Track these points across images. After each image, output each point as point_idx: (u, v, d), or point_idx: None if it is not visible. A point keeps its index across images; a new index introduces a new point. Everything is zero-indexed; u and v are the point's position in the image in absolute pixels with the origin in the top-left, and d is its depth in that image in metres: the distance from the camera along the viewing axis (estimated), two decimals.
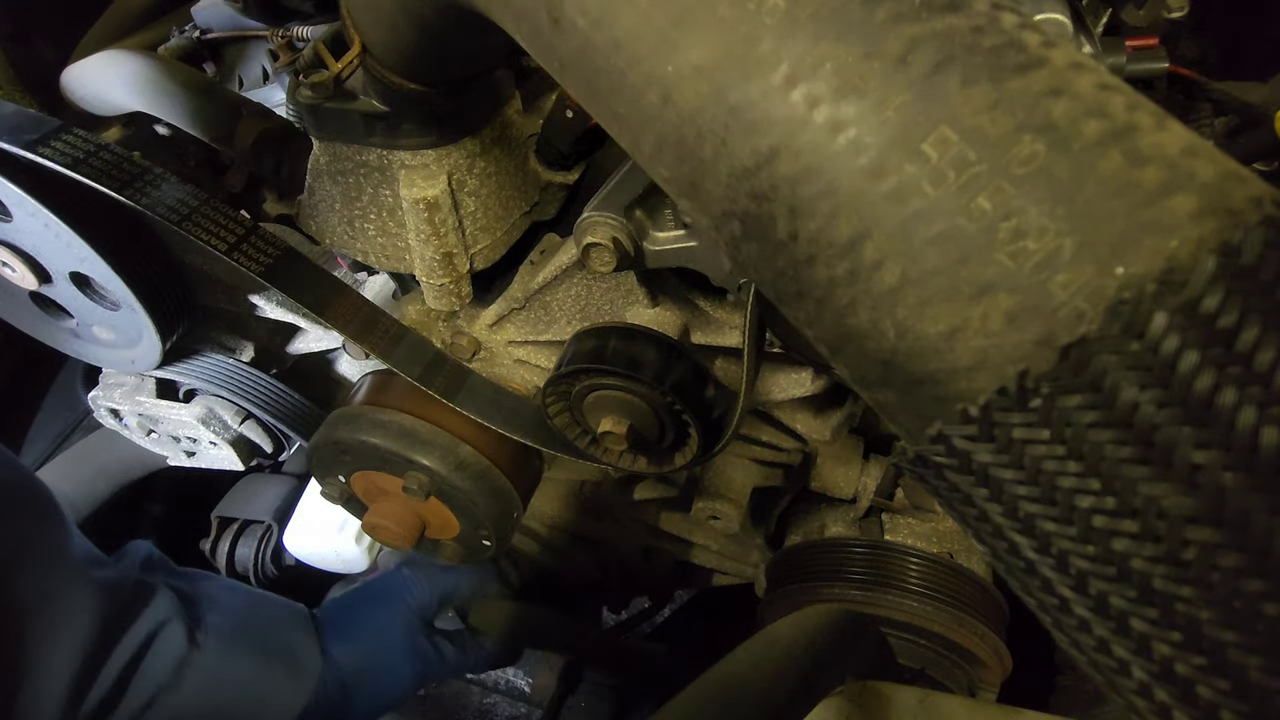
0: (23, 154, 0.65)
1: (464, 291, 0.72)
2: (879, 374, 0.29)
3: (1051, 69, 0.26)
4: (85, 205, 0.74)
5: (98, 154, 0.66)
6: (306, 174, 0.72)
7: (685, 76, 0.29)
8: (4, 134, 0.66)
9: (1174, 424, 0.23)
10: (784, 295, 0.31)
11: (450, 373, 0.76)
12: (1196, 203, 0.23)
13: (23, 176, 0.70)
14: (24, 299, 0.86)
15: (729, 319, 0.73)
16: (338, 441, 0.82)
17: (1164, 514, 0.23)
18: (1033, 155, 0.25)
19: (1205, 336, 0.23)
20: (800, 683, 0.42)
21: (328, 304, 0.69)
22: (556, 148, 0.72)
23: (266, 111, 0.83)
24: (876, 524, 0.93)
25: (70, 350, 0.93)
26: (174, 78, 0.83)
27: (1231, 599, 0.23)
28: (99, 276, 0.79)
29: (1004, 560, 0.29)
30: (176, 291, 0.86)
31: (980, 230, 0.25)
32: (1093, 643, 0.27)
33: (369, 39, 0.54)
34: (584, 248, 0.62)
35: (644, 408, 0.68)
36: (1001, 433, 0.26)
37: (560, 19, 0.33)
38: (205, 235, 0.64)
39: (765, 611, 0.95)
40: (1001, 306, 0.25)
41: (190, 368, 0.95)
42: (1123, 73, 0.71)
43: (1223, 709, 0.24)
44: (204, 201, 0.66)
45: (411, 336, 0.74)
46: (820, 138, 0.27)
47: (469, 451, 0.80)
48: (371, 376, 0.86)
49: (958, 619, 0.81)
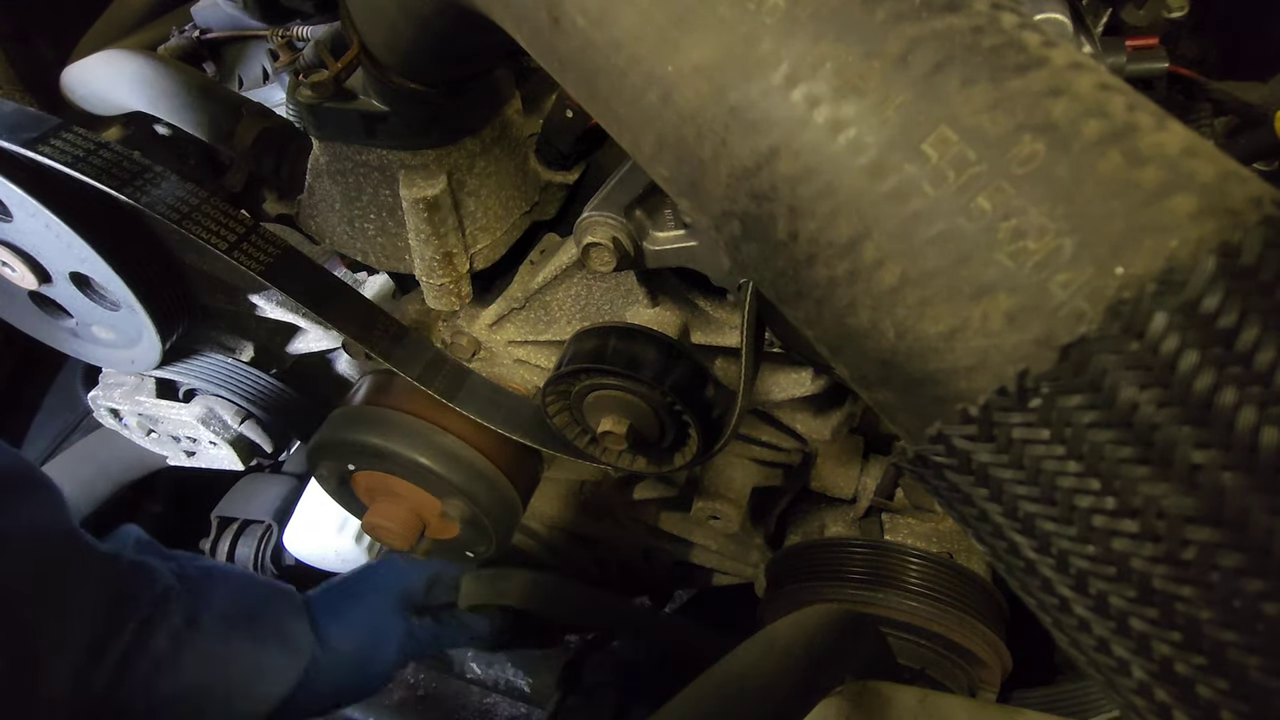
0: (22, 152, 0.65)
1: (464, 291, 0.72)
2: (879, 374, 0.29)
3: (1052, 69, 0.26)
4: (86, 205, 0.74)
5: (97, 152, 0.66)
6: (306, 174, 0.72)
7: (685, 76, 0.29)
8: (3, 132, 0.66)
9: (1174, 424, 0.23)
10: (784, 295, 0.31)
11: (450, 373, 0.76)
12: (1196, 203, 0.23)
13: (23, 176, 0.70)
14: (23, 298, 0.86)
15: (729, 319, 0.73)
16: (338, 441, 0.82)
17: (1164, 514, 0.23)
18: (1033, 155, 0.25)
19: (1205, 336, 0.23)
20: (800, 682, 0.42)
21: (327, 303, 0.69)
22: (556, 147, 0.72)
23: (266, 111, 0.83)
24: (876, 524, 0.93)
25: (69, 349, 0.93)
26: (174, 77, 0.83)
27: (1231, 599, 0.23)
28: (99, 277, 0.79)
29: (1004, 560, 0.29)
30: (176, 291, 0.86)
31: (980, 230, 0.25)
32: (1093, 643, 0.27)
33: (369, 39, 0.54)
34: (584, 247, 0.62)
35: (644, 408, 0.68)
36: (1001, 433, 0.26)
37: (560, 18, 0.33)
38: (205, 234, 0.64)
39: (765, 611, 0.95)
40: (1001, 306, 0.25)
41: (190, 367, 0.95)
42: (1123, 73, 0.71)
43: (1223, 709, 0.24)
44: (204, 200, 0.66)
45: (411, 336, 0.74)
46: (820, 137, 0.27)
47: (469, 451, 0.80)
48: (372, 376, 0.86)
49: (958, 619, 0.81)
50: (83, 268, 0.78)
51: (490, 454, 0.81)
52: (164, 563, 0.84)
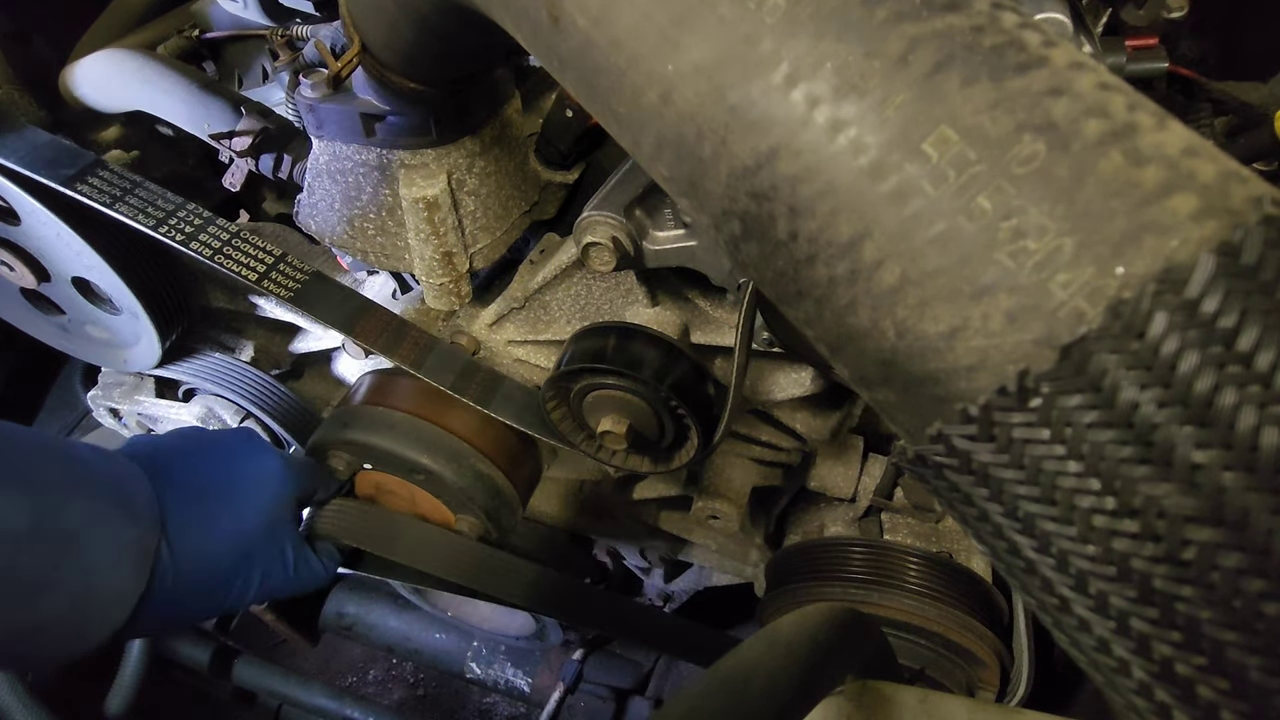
0: (63, 191, 0.67)
1: (463, 291, 0.72)
2: (879, 373, 0.29)
3: (1052, 68, 0.26)
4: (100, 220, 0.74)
5: (134, 191, 0.69)
6: (306, 173, 0.72)
7: (685, 75, 0.29)
8: (41, 167, 0.69)
9: (1174, 424, 0.23)
10: (784, 295, 0.31)
11: (483, 380, 0.76)
12: (1197, 202, 0.23)
13: (40, 189, 0.71)
14: (13, 292, 0.86)
15: (728, 318, 0.73)
16: (337, 440, 0.82)
17: (1164, 514, 0.23)
18: (1033, 155, 0.25)
19: (1205, 336, 0.22)
20: (804, 680, 0.42)
21: (356, 322, 0.71)
22: (556, 147, 0.72)
23: (266, 111, 0.83)
24: (876, 524, 0.93)
25: (56, 344, 0.93)
26: (173, 76, 0.83)
27: (1231, 599, 0.23)
28: (105, 284, 0.79)
29: (1004, 560, 0.29)
30: (175, 293, 0.86)
31: (980, 230, 0.25)
32: (1093, 643, 0.27)
33: (369, 38, 0.54)
34: (584, 247, 0.62)
35: (643, 407, 0.68)
36: (1001, 432, 0.26)
37: (560, 17, 0.33)
38: (236, 267, 0.67)
39: (764, 611, 0.95)
40: (1002, 306, 0.25)
41: (190, 367, 0.95)
42: (1122, 73, 0.71)
43: (1223, 709, 0.24)
44: (234, 235, 0.69)
45: (441, 346, 0.75)
46: (820, 137, 0.27)
47: (469, 450, 0.80)
48: (371, 375, 0.86)
49: (957, 619, 0.81)
50: (89, 275, 0.78)
51: (490, 453, 0.81)
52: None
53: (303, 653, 1.67)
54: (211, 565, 0.67)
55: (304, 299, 0.69)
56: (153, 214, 0.68)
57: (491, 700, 1.68)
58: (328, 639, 1.65)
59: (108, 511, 0.60)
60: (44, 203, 0.72)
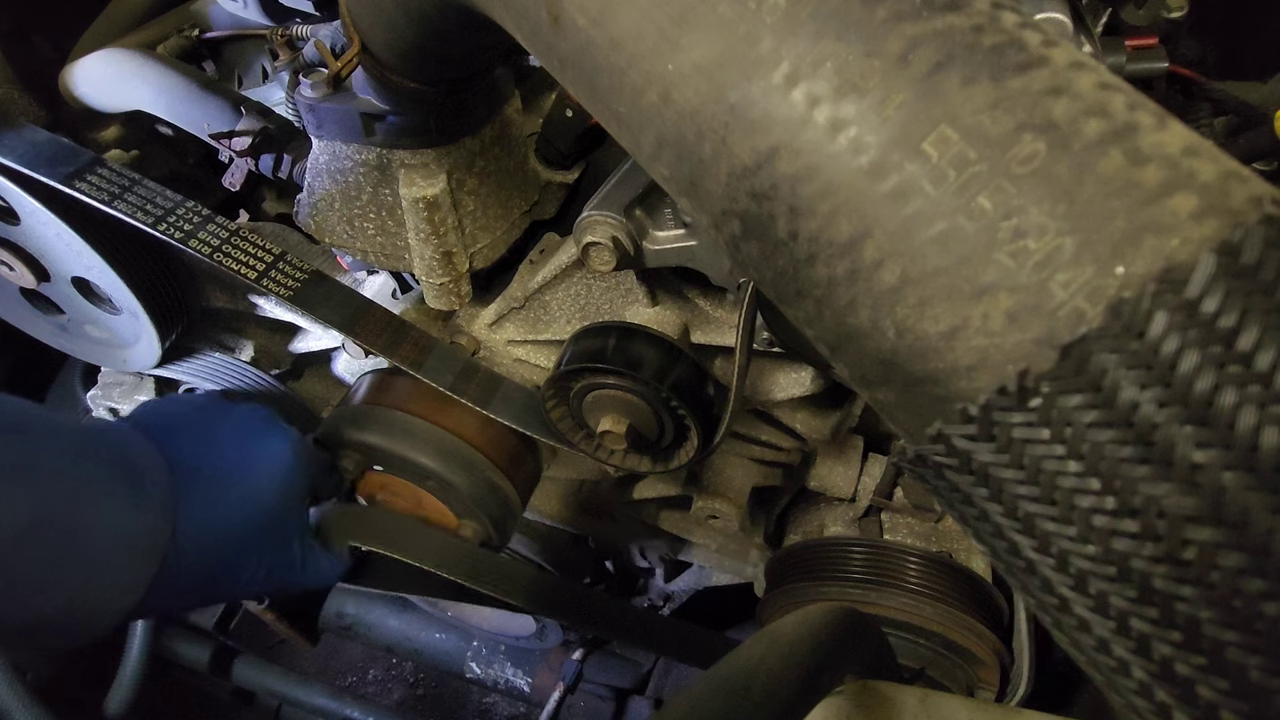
0: (62, 189, 0.67)
1: (463, 290, 0.72)
2: (879, 373, 0.29)
3: (1052, 68, 0.26)
4: (99, 219, 0.74)
5: (132, 189, 0.69)
6: (306, 173, 0.72)
7: (685, 75, 0.29)
8: (40, 165, 0.68)
9: (1174, 424, 0.23)
10: (784, 295, 0.31)
11: (483, 381, 0.76)
12: (1197, 202, 0.23)
13: (39, 188, 0.70)
14: (12, 291, 0.86)
15: (728, 318, 0.73)
16: (352, 441, 0.82)
17: (1164, 514, 0.23)
18: (1033, 154, 0.25)
19: (1205, 336, 0.22)
20: (805, 680, 0.42)
21: (356, 323, 0.71)
22: (556, 147, 0.72)
23: (266, 111, 0.83)
24: (876, 523, 0.93)
25: (55, 343, 0.93)
26: (173, 76, 0.83)
27: (1231, 599, 0.23)
28: (105, 285, 0.79)
29: (1004, 560, 0.29)
30: (175, 293, 0.86)
31: (981, 229, 0.25)
32: (1093, 643, 0.27)
33: (368, 38, 0.54)
34: (584, 247, 0.62)
35: (643, 407, 0.68)
36: (1001, 432, 0.26)
37: (560, 17, 0.33)
38: (235, 265, 0.67)
39: (764, 611, 0.95)
40: (1002, 306, 0.25)
41: (190, 366, 0.95)
42: (1122, 72, 0.71)
43: (1223, 709, 0.24)
44: (233, 233, 0.69)
45: (441, 347, 0.75)
46: (820, 137, 0.27)
47: (469, 450, 0.80)
48: (371, 375, 0.86)
49: (957, 619, 0.81)
50: (89, 275, 0.78)
51: (490, 453, 0.81)
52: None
53: (303, 653, 1.67)
54: (221, 551, 0.66)
55: (303, 298, 0.69)
56: (152, 211, 0.68)
57: (491, 700, 1.68)
58: (328, 639, 1.65)
59: (118, 505, 0.59)
60: (44, 202, 0.71)
